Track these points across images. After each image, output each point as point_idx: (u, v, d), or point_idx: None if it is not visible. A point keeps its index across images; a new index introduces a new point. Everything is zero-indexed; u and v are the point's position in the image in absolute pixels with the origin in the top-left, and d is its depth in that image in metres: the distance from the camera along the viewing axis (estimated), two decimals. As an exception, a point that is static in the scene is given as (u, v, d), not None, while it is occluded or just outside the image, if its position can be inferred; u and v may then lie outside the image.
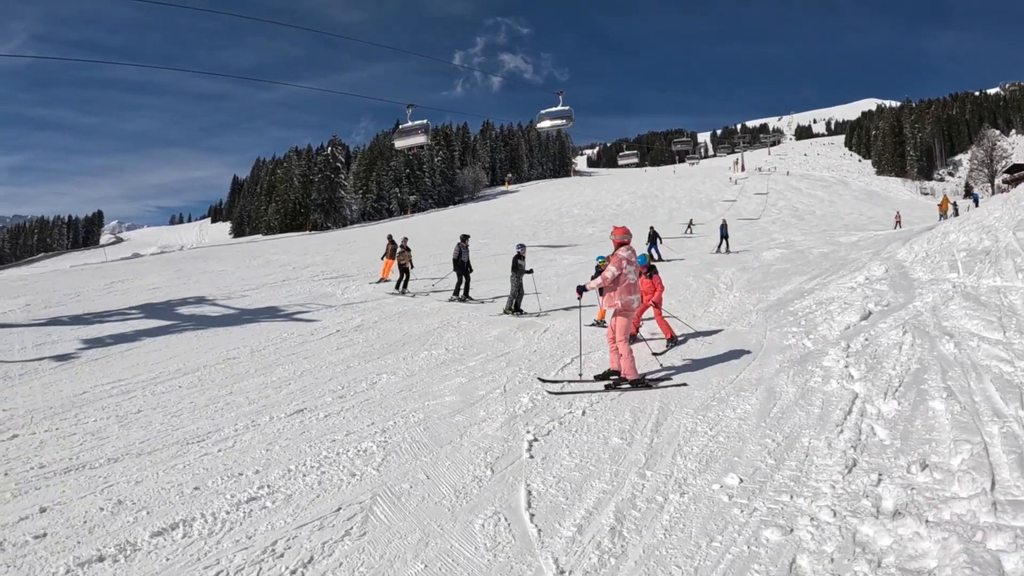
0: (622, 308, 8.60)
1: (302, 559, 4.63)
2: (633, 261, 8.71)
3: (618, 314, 8.66)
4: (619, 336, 8.65)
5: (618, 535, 4.77)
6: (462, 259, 19.18)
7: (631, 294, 8.58)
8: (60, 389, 9.81)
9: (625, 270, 8.50)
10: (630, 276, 8.55)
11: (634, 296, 8.64)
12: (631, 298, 8.59)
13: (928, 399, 6.89)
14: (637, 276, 8.76)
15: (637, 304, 8.81)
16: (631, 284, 8.57)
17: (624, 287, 8.52)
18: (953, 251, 15.17)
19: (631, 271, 8.57)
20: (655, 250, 29.89)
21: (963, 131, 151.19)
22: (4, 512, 5.59)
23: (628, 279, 8.54)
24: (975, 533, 4.13)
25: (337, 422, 7.80)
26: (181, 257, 45.30)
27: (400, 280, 20.78)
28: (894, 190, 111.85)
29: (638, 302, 8.84)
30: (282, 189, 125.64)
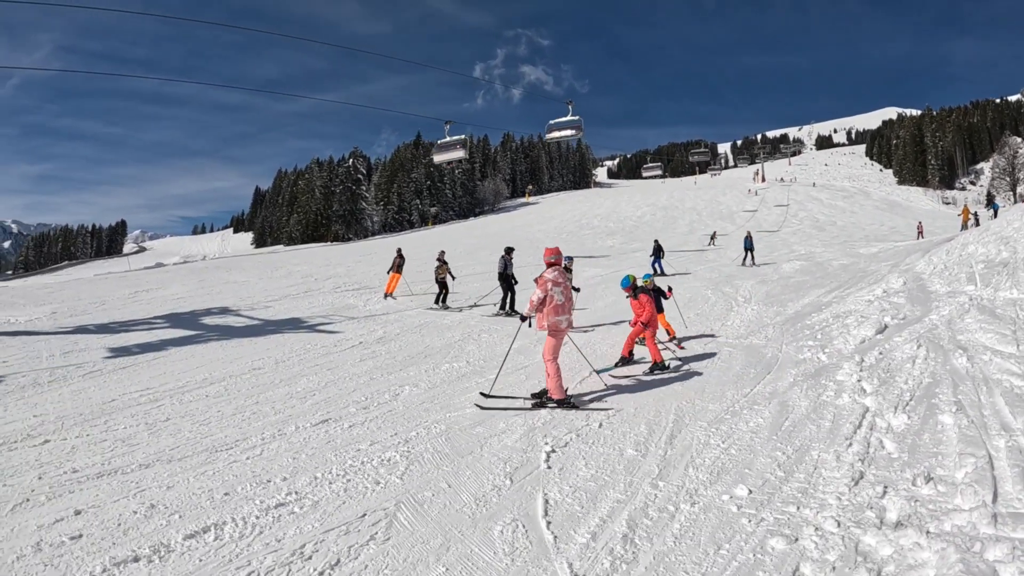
0: (550, 329, 8.78)
1: (329, 561, 4.87)
2: (560, 282, 8.85)
3: (549, 334, 8.84)
4: (546, 356, 8.82)
5: (630, 542, 4.97)
6: (507, 272, 18.94)
7: (558, 315, 8.74)
8: (89, 396, 10.09)
9: (551, 291, 8.69)
10: (557, 297, 8.72)
11: (561, 317, 8.79)
12: (558, 319, 8.75)
13: (938, 413, 7.02)
14: (564, 297, 8.85)
15: (565, 325, 8.88)
16: (558, 305, 8.73)
17: (551, 308, 8.70)
18: (971, 263, 15.19)
19: (557, 292, 8.74)
20: (658, 264, 29.64)
21: (984, 139, 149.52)
22: (40, 514, 5.85)
23: (555, 300, 8.71)
24: (973, 544, 4.29)
25: (361, 432, 8.02)
26: (204, 267, 45.73)
27: (440, 295, 20.39)
28: (915, 200, 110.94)
29: (566, 323, 8.90)
30: (304, 200, 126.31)
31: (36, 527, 5.57)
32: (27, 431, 8.36)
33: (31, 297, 23.41)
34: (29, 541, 5.29)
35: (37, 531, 5.49)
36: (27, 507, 6.04)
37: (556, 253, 9.22)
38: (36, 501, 6.17)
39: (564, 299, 8.82)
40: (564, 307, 8.81)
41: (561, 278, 8.89)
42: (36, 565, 4.93)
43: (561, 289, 8.81)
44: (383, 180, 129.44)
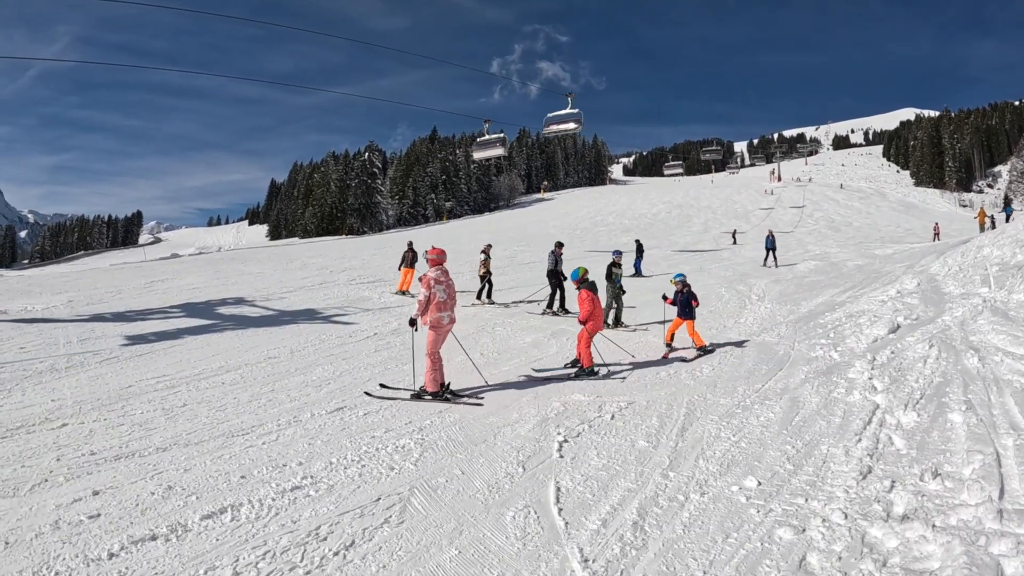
0: (432, 324, 9.16)
1: (344, 543, 4.98)
2: (443, 281, 9.28)
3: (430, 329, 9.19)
4: (426, 350, 9.22)
5: (640, 529, 5.06)
6: (558, 269, 17.92)
7: (440, 312, 9.16)
8: (106, 382, 10.22)
9: (434, 290, 9.11)
10: (439, 295, 9.14)
11: (443, 314, 9.22)
12: (440, 315, 9.16)
13: (947, 411, 7.06)
14: (447, 295, 9.29)
15: (447, 321, 9.30)
16: (440, 303, 9.15)
17: (434, 305, 9.12)
18: (986, 265, 15.16)
19: (440, 290, 9.17)
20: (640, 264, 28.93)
21: (1003, 142, 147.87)
22: (59, 494, 5.99)
23: (438, 298, 9.14)
24: (979, 538, 4.36)
25: (376, 420, 8.14)
26: (219, 258, 45.99)
27: (482, 290, 19.56)
28: (932, 202, 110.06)
29: (448, 319, 9.32)
30: (319, 193, 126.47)
31: (54, 506, 5.70)
32: (45, 415, 8.49)
33: (48, 286, 23.63)
34: (47, 520, 5.42)
35: (55, 510, 5.62)
36: (45, 487, 6.18)
37: (440, 253, 9.63)
38: (54, 481, 6.31)
39: (447, 297, 9.30)
40: (446, 304, 9.28)
41: (444, 277, 9.35)
42: (54, 542, 5.05)
43: (444, 287, 9.28)
44: (398, 174, 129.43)
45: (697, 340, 11.63)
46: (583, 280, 10.88)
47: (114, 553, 4.87)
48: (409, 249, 22.35)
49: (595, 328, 10.61)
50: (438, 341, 9.26)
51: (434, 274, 9.29)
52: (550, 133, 27.74)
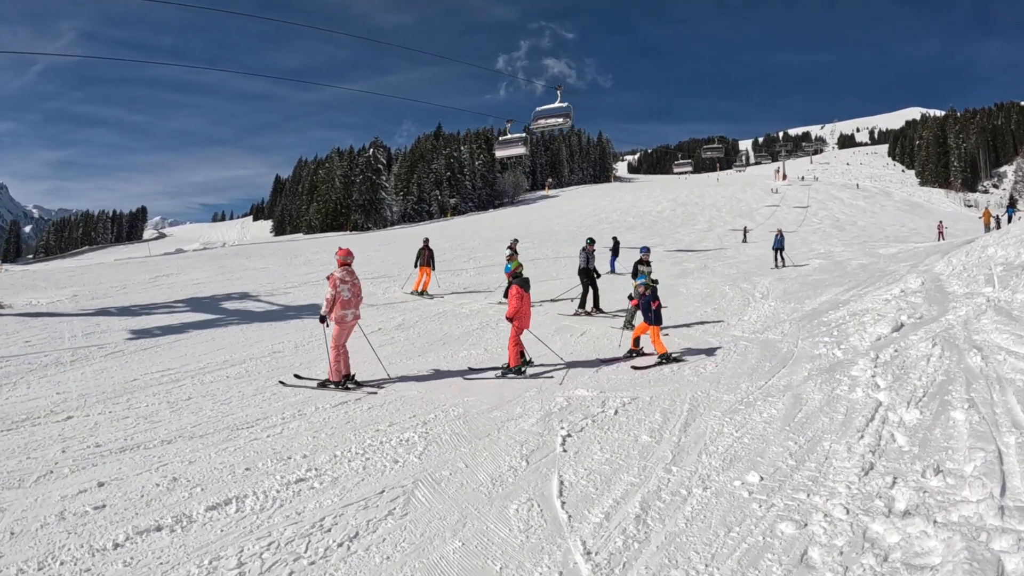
0: (336, 320, 9.70)
1: (348, 534, 5.02)
2: (347, 280, 9.83)
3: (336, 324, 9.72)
4: (331, 343, 9.71)
5: (642, 523, 5.09)
6: (590, 267, 17.08)
7: (344, 309, 9.71)
8: (111, 376, 10.29)
9: (339, 288, 9.68)
10: (344, 294, 9.69)
11: (347, 311, 9.76)
12: (343, 312, 9.70)
13: (950, 409, 7.07)
14: (351, 294, 9.83)
15: (350, 318, 9.83)
16: (344, 301, 9.70)
17: (339, 303, 9.68)
18: (990, 265, 15.15)
19: (345, 289, 9.72)
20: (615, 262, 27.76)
21: (1008, 142, 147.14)
22: (64, 485, 6.05)
23: (342, 296, 9.70)
24: (980, 534, 4.38)
25: (380, 414, 8.19)
26: (224, 253, 46.00)
27: None
28: (937, 201, 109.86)
29: (351, 316, 9.85)
30: (323, 189, 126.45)
31: (60, 497, 5.75)
32: (50, 407, 8.56)
33: (52, 280, 23.69)
34: (53, 510, 5.47)
35: (61, 501, 5.67)
36: (51, 479, 6.23)
37: (347, 254, 10.20)
38: (60, 473, 6.37)
39: (351, 296, 9.86)
40: (350, 303, 9.83)
41: (349, 277, 9.89)
42: (60, 533, 5.10)
43: (349, 287, 9.83)
44: (403, 170, 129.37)
45: (659, 347, 10.91)
46: (515, 275, 10.70)
47: (119, 543, 4.91)
48: (425, 247, 21.15)
49: (522, 326, 10.45)
50: (342, 335, 9.73)
51: (340, 274, 9.84)
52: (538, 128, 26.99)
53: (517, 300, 10.37)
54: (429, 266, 20.56)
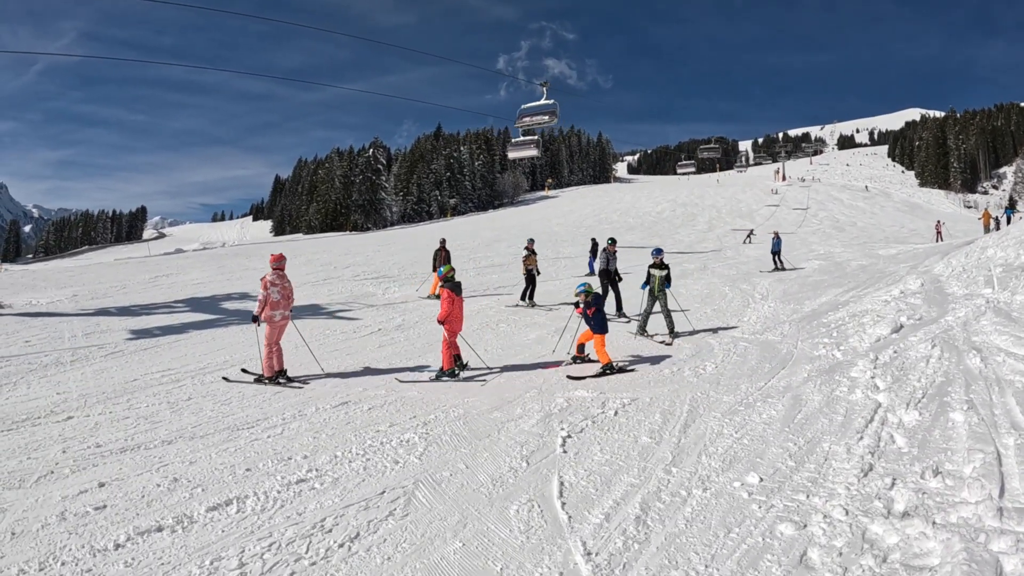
0: (267, 320, 10.19)
1: (349, 535, 5.04)
2: (277, 284, 10.33)
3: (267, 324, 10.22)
4: (264, 340, 10.20)
5: (642, 524, 5.10)
6: (610, 268, 16.52)
7: (273, 310, 10.21)
8: (111, 376, 10.32)
9: (270, 290, 10.19)
10: (274, 296, 10.20)
11: (276, 312, 10.26)
12: (272, 313, 10.20)
13: (949, 410, 7.08)
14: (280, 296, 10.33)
15: (279, 318, 10.30)
16: (274, 302, 10.22)
17: (269, 304, 10.18)
18: (990, 266, 15.16)
19: (275, 291, 10.23)
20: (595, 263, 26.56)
21: (1008, 143, 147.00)
22: (64, 485, 6.08)
23: (272, 298, 10.20)
24: (978, 535, 4.39)
25: (381, 414, 8.21)
26: (223, 253, 46.01)
27: (526, 290, 18.00)
28: (937, 202, 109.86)
29: (280, 316, 10.32)
30: (323, 189, 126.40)
31: (60, 498, 5.78)
32: (50, 408, 8.59)
33: (52, 280, 23.73)
34: (54, 511, 5.49)
35: (61, 501, 5.70)
36: (51, 479, 6.26)
37: (279, 259, 10.66)
38: (60, 473, 6.40)
39: (280, 297, 10.35)
40: (279, 304, 10.32)
41: (279, 280, 10.38)
42: (60, 533, 5.12)
43: (278, 289, 10.33)
44: (403, 171, 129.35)
45: (602, 357, 10.47)
46: (446, 279, 10.74)
47: (120, 544, 4.93)
48: (442, 248, 20.83)
49: (453, 329, 10.49)
50: (273, 333, 10.21)
51: (271, 277, 10.33)
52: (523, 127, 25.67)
53: (447, 304, 10.42)
54: None
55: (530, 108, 25.17)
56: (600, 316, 10.67)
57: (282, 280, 10.43)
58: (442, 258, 20.23)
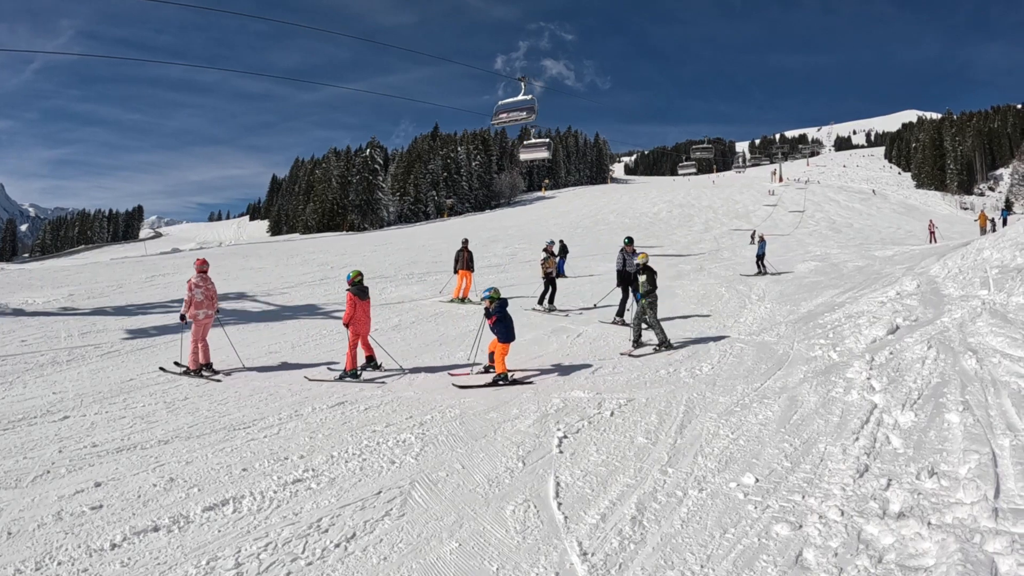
0: (192, 319, 11.01)
1: (345, 535, 5.05)
2: (201, 285, 11.16)
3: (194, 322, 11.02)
4: (191, 337, 10.94)
5: (638, 524, 5.11)
6: (627, 269, 15.66)
7: (197, 309, 11.04)
8: (107, 376, 10.34)
9: (193, 292, 11.02)
10: (197, 296, 11.03)
11: (200, 311, 11.04)
12: (196, 312, 11.01)
13: (944, 412, 7.09)
14: (204, 296, 11.15)
15: (203, 317, 11.07)
16: (197, 302, 11.05)
17: (193, 304, 11.01)
18: (986, 268, 15.18)
19: (199, 292, 11.06)
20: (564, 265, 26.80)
21: (1005, 145, 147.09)
22: (60, 485, 6.11)
23: (196, 299, 11.03)
24: (973, 536, 4.41)
25: (377, 414, 8.22)
26: (220, 253, 45.93)
27: (545, 293, 17.26)
28: (933, 204, 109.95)
29: (203, 315, 11.09)
30: (320, 189, 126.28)
31: (57, 497, 5.80)
32: (47, 407, 8.60)
33: (48, 279, 23.64)
34: (50, 510, 5.51)
35: (58, 501, 5.72)
36: (48, 479, 6.28)
37: (203, 263, 11.49)
38: (56, 473, 6.42)
39: (204, 298, 11.15)
40: (203, 304, 11.12)
41: (202, 283, 11.20)
42: (57, 533, 5.14)
43: (202, 291, 11.15)
44: (400, 171, 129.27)
45: (498, 366, 10.24)
46: (353, 283, 10.85)
47: (116, 544, 4.94)
48: (464, 248, 19.69)
49: (358, 331, 10.67)
50: (198, 331, 10.95)
51: (195, 280, 11.15)
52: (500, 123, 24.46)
53: (351, 307, 10.62)
54: (469, 269, 19.17)
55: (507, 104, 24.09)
56: (503, 325, 10.36)
57: (205, 283, 11.26)
58: (464, 259, 19.18)
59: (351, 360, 10.50)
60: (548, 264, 17.70)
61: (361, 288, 10.82)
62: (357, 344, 10.68)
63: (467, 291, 18.79)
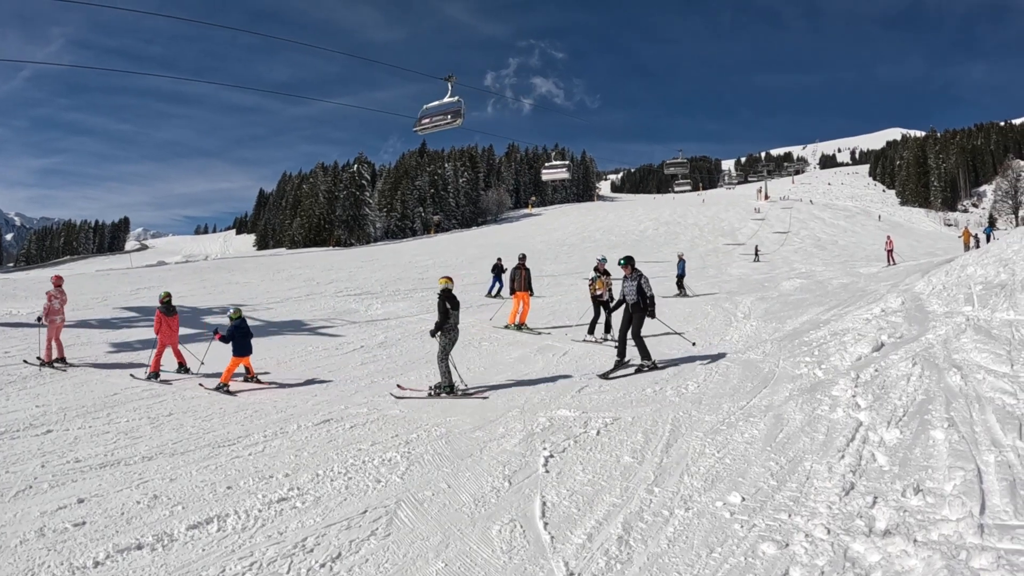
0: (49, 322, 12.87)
1: (331, 554, 5.01)
2: (57, 296, 13.23)
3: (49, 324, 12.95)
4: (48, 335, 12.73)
5: (625, 544, 5.08)
6: None
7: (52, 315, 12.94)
8: (91, 389, 10.33)
9: (52, 301, 13.09)
10: (54, 304, 13.06)
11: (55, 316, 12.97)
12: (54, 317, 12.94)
13: (930, 428, 7.10)
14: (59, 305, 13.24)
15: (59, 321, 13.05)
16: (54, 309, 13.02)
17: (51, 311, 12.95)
18: (970, 284, 15.25)
19: (56, 302, 13.14)
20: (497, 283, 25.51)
21: (988, 162, 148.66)
22: (43, 501, 6.08)
23: (53, 307, 13.01)
24: (959, 552, 4.40)
25: (363, 433, 8.18)
26: (206, 267, 45.88)
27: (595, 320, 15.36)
28: (917, 221, 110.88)
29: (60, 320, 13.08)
30: (307, 204, 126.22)
31: (39, 513, 5.78)
32: (29, 421, 8.59)
33: (33, 290, 23.59)
34: (32, 526, 5.48)
35: (40, 517, 5.69)
36: (30, 494, 6.26)
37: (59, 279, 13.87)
38: (39, 488, 6.40)
39: (59, 306, 13.24)
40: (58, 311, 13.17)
41: (59, 294, 13.36)
42: (39, 549, 5.10)
43: (58, 300, 13.25)
44: (387, 187, 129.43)
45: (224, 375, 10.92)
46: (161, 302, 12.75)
47: (99, 561, 4.91)
48: (521, 266, 17.59)
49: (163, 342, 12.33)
50: (51, 331, 12.78)
51: (54, 292, 13.32)
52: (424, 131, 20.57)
53: (157, 322, 12.41)
54: (528, 291, 17.13)
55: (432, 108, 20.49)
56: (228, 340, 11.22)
57: (61, 295, 13.44)
58: (522, 279, 17.20)
59: (155, 364, 11.92)
60: (597, 285, 15.49)
61: (168, 307, 12.56)
62: (163, 352, 12.23)
63: (524, 316, 16.94)
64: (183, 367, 12.24)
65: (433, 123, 20.13)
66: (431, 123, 20.19)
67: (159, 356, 11.97)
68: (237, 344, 11.13)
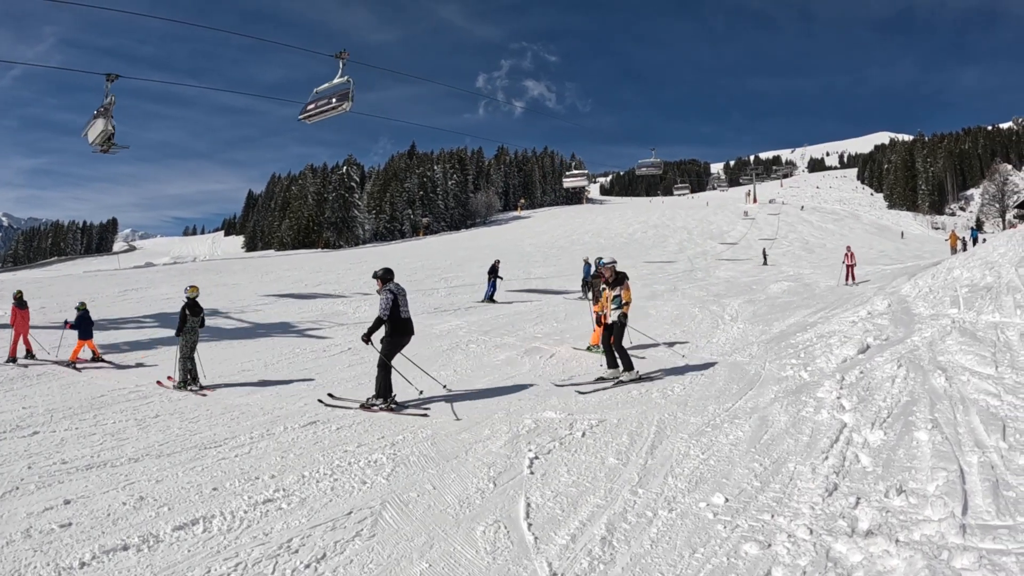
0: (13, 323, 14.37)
1: (316, 555, 5.00)
2: None
3: None
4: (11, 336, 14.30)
5: (608, 544, 5.09)
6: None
7: None
8: (78, 391, 10.30)
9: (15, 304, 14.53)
10: None
11: None
12: None
13: (914, 430, 7.14)
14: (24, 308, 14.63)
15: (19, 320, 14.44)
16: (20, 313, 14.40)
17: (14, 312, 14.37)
18: (956, 287, 15.38)
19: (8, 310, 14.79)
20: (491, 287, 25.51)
21: (975, 165, 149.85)
22: (29, 502, 6.06)
23: None
24: (941, 552, 4.43)
25: (349, 434, 8.17)
26: (194, 268, 45.82)
27: None
28: (905, 224, 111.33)
29: None
30: (296, 206, 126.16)
31: (25, 515, 5.75)
32: (16, 422, 8.58)
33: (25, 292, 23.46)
34: (19, 528, 5.46)
35: (26, 518, 5.66)
36: (16, 495, 6.24)
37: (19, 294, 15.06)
38: (25, 490, 6.38)
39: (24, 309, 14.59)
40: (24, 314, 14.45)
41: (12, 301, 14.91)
42: (26, 551, 5.08)
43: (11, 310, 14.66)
44: (376, 189, 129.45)
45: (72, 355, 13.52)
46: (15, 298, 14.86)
47: (86, 562, 4.89)
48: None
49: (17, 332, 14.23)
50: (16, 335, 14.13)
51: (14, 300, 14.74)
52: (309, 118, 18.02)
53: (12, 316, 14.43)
54: None
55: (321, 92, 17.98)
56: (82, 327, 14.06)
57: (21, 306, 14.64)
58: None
59: (12, 351, 13.97)
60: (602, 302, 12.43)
61: (20, 301, 14.67)
62: (18, 341, 14.16)
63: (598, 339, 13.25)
64: (30, 354, 14.24)
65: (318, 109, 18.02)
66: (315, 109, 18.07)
67: (15, 344, 14.12)
68: (82, 329, 13.91)
